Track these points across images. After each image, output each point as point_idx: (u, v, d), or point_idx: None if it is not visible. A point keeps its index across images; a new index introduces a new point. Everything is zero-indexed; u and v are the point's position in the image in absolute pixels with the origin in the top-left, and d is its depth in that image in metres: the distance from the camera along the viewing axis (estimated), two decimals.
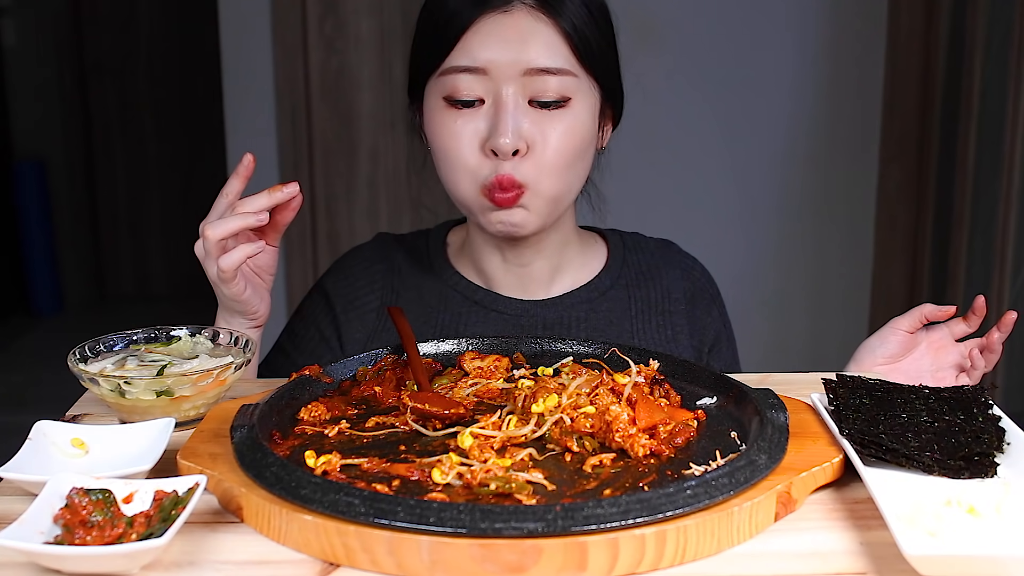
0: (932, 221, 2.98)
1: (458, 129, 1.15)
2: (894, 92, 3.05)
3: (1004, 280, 2.67)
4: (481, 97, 1.14)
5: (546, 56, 1.13)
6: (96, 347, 1.06)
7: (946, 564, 0.69)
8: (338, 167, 3.21)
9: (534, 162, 1.14)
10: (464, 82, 1.14)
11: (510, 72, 1.12)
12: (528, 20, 1.13)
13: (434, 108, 1.17)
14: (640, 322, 1.28)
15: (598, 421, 0.88)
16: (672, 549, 0.73)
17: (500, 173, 1.14)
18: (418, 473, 0.82)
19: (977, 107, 2.71)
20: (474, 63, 1.13)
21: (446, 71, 1.15)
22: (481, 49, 1.13)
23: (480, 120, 1.14)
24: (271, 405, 0.94)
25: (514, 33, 1.12)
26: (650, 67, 3.06)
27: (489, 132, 1.13)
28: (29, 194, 4.80)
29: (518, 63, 1.12)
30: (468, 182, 1.16)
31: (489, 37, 1.13)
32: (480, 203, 1.17)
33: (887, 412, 0.90)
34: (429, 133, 1.20)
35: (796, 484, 0.81)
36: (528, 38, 1.13)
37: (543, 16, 1.13)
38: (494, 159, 1.14)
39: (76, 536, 0.73)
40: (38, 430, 0.90)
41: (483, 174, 1.15)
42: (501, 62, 1.12)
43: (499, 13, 1.13)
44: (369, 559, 0.72)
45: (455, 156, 1.16)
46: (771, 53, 3.08)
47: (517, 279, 1.28)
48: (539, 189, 1.16)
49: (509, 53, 1.12)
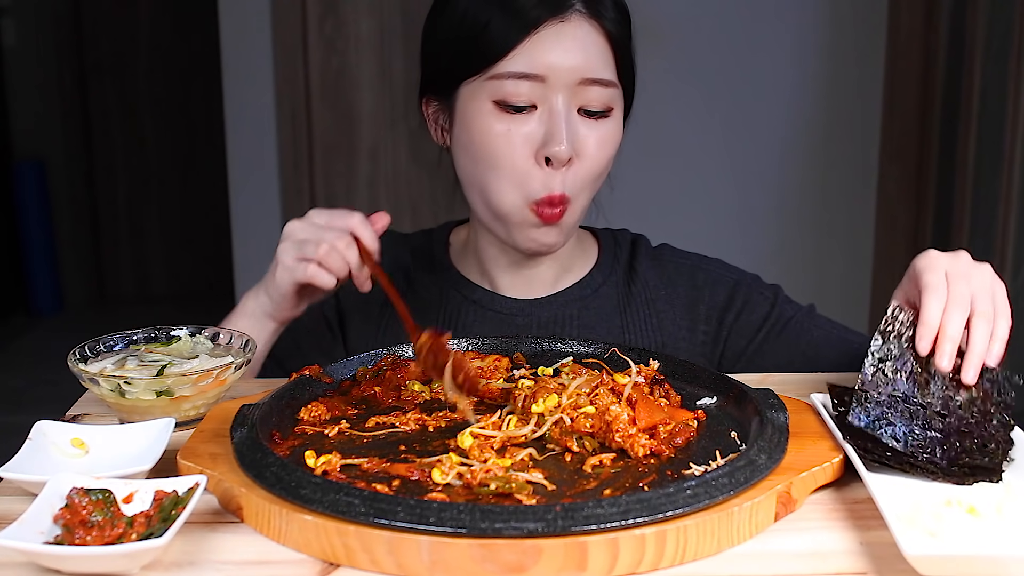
0: (932, 221, 2.98)
1: (511, 134, 1.13)
2: (894, 92, 3.05)
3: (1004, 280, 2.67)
4: (534, 103, 1.12)
5: (600, 67, 1.12)
6: (96, 347, 1.06)
7: (946, 564, 0.69)
8: (338, 167, 3.21)
9: (579, 171, 1.14)
10: (518, 87, 1.11)
11: (566, 80, 1.11)
12: (585, 28, 1.12)
13: (480, 111, 1.14)
14: (629, 316, 1.28)
15: (598, 421, 0.88)
16: (672, 549, 0.73)
17: (552, 190, 1.13)
18: (418, 473, 0.82)
19: (977, 107, 2.71)
20: (534, 70, 1.11)
21: (500, 75, 1.12)
22: (542, 56, 1.11)
23: (533, 126, 1.13)
24: (271, 405, 0.94)
25: (573, 43, 1.11)
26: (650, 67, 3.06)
27: (544, 139, 1.12)
28: (29, 194, 4.80)
29: (576, 72, 1.11)
30: (515, 193, 1.15)
31: (551, 44, 1.11)
32: (523, 216, 1.16)
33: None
34: (471, 136, 1.16)
35: (796, 484, 0.81)
36: (585, 48, 1.12)
37: (596, 24, 1.13)
38: (544, 169, 1.13)
39: (76, 536, 0.73)
40: (38, 430, 0.90)
41: (533, 187, 1.14)
42: (560, 70, 1.11)
43: (560, 21, 1.11)
44: (369, 559, 0.72)
45: (506, 162, 1.13)
46: (771, 53, 3.08)
47: (524, 280, 1.28)
48: (577, 203, 1.17)
49: (568, 62, 1.11)
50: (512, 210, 1.16)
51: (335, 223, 1.07)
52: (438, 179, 1.29)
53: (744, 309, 1.28)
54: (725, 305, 1.29)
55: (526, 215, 1.15)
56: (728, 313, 1.28)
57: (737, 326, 1.28)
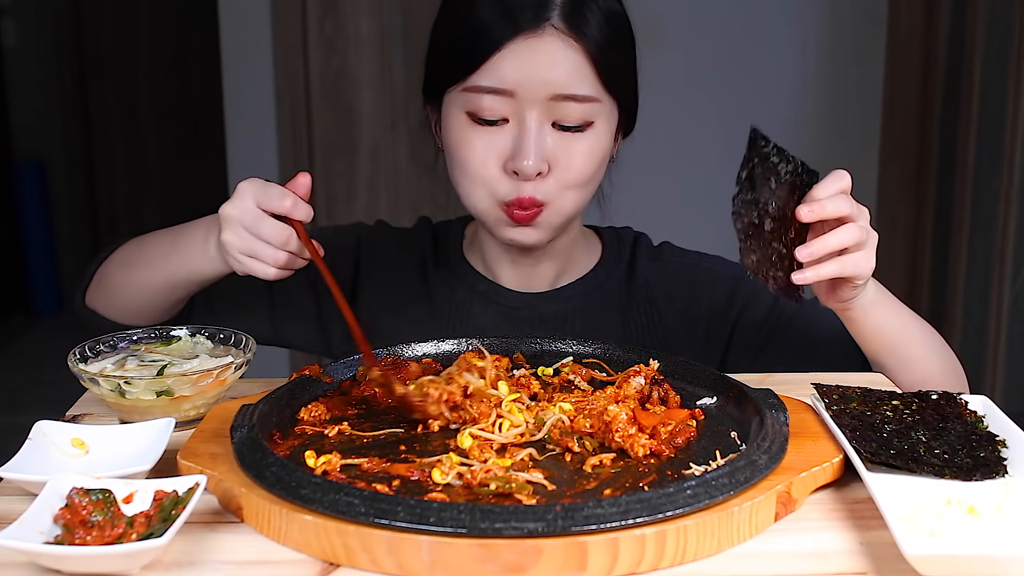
0: (932, 221, 2.98)
1: (480, 146, 1.14)
2: (894, 92, 3.05)
3: (1004, 280, 2.67)
4: (505, 117, 1.13)
5: (574, 83, 1.11)
6: (96, 347, 1.06)
7: (946, 564, 0.69)
8: (338, 167, 3.21)
9: (555, 181, 1.14)
10: (489, 101, 1.12)
11: (537, 96, 1.11)
12: (558, 45, 1.11)
13: (455, 121, 1.16)
14: (631, 313, 1.29)
15: (598, 421, 0.88)
16: (672, 549, 0.73)
17: (522, 194, 1.14)
18: (418, 473, 0.82)
19: (977, 107, 2.71)
20: (502, 85, 1.11)
21: (471, 88, 1.13)
22: (511, 72, 1.10)
23: (503, 139, 1.13)
24: (271, 405, 0.94)
25: (544, 58, 1.10)
26: (650, 67, 3.06)
27: (512, 152, 1.13)
28: (29, 194, 4.80)
29: (546, 88, 1.11)
30: (486, 196, 1.16)
31: (520, 60, 1.10)
32: (496, 215, 1.17)
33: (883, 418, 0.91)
34: (448, 143, 1.18)
35: (796, 484, 0.81)
36: (558, 64, 1.11)
37: (572, 40, 1.11)
38: (515, 179, 1.14)
39: (76, 536, 0.73)
40: (38, 430, 0.90)
41: (502, 191, 1.15)
42: (529, 87, 1.10)
43: (531, 36, 1.11)
44: (369, 559, 0.72)
45: (475, 171, 1.15)
46: (771, 53, 3.08)
47: (523, 276, 1.29)
48: (558, 207, 1.16)
49: (538, 78, 1.10)
50: (484, 210, 1.18)
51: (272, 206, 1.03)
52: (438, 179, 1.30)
53: (747, 306, 1.28)
54: (727, 303, 1.29)
55: (498, 215, 1.17)
56: (731, 311, 1.28)
57: (740, 323, 1.28)
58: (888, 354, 1.14)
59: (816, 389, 0.97)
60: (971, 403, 0.94)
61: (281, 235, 1.02)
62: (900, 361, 1.14)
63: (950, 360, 1.18)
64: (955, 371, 1.17)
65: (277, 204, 1.03)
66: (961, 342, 2.83)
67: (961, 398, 0.95)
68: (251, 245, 1.03)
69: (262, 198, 1.03)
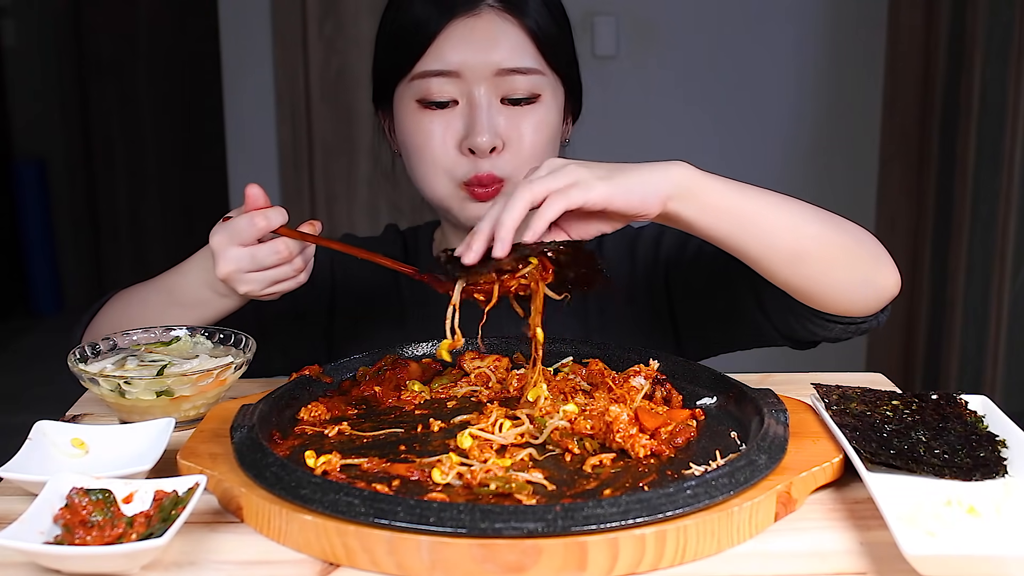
0: (932, 221, 2.98)
1: (434, 129, 1.18)
2: (894, 92, 3.05)
3: (1004, 280, 2.67)
4: (455, 98, 1.17)
5: (516, 56, 1.16)
6: (96, 347, 1.06)
7: (946, 564, 0.69)
8: (338, 167, 3.21)
9: (511, 156, 1.18)
10: (437, 85, 1.17)
11: (482, 73, 1.16)
12: (496, 22, 1.17)
13: (407, 111, 1.20)
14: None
15: (598, 422, 0.88)
16: (672, 549, 0.73)
17: (480, 171, 1.17)
18: (418, 473, 0.82)
19: (977, 107, 2.71)
20: (446, 66, 1.16)
21: (418, 75, 1.17)
22: (453, 53, 1.16)
23: (455, 120, 1.17)
24: (271, 405, 0.94)
25: (483, 35, 1.16)
26: (650, 67, 3.06)
27: (466, 131, 1.17)
28: (29, 194, 4.80)
29: (489, 64, 1.16)
30: (444, 179, 1.19)
31: (460, 41, 1.16)
32: (458, 195, 1.20)
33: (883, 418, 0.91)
34: (402, 135, 1.22)
35: (796, 484, 0.81)
36: (497, 40, 1.16)
37: (509, 17, 1.17)
38: (471, 158, 1.17)
39: (76, 536, 0.73)
40: (38, 430, 0.90)
41: (460, 171, 1.18)
42: (473, 64, 1.16)
43: (468, 17, 1.16)
44: (369, 559, 0.72)
45: (431, 155, 1.18)
46: (771, 53, 3.08)
47: None
48: (517, 182, 1.16)
49: (480, 55, 1.15)
50: (446, 194, 1.20)
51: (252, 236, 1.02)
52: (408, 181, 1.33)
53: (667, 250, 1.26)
54: (656, 235, 1.28)
55: (460, 195, 1.19)
56: (664, 238, 1.27)
57: (670, 266, 1.26)
58: (754, 250, 1.01)
59: (816, 389, 0.97)
60: (971, 403, 0.95)
61: (281, 252, 1.02)
62: (785, 259, 1.02)
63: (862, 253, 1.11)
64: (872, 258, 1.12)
65: (254, 232, 1.01)
66: (961, 342, 2.83)
67: (961, 398, 0.95)
68: (266, 278, 1.03)
69: (239, 237, 1.02)
